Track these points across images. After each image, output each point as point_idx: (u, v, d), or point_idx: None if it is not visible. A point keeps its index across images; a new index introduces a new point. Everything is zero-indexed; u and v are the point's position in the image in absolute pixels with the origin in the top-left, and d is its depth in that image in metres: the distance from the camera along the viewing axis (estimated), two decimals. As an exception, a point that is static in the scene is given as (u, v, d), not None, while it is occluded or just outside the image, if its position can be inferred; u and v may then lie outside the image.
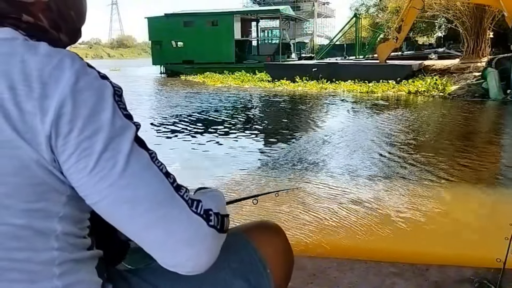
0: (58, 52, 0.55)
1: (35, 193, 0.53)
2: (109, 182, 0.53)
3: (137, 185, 0.54)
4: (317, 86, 12.47)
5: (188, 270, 0.58)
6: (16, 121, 0.50)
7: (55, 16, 0.62)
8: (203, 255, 0.57)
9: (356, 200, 3.04)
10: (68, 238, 0.57)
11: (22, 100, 0.50)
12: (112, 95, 0.56)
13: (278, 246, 0.80)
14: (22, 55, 0.53)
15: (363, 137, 5.56)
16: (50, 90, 0.51)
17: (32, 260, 0.54)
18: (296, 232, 2.47)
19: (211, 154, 4.80)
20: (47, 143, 0.51)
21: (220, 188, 3.03)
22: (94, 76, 0.55)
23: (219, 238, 0.61)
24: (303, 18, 30.71)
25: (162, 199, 0.56)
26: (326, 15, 48.35)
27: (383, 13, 24.39)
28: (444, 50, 20.00)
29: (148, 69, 24.33)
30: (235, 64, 19.93)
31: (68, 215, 0.56)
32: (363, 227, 2.56)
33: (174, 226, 0.56)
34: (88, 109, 0.52)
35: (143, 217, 0.55)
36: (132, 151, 0.55)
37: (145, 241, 0.56)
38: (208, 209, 0.61)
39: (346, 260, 1.89)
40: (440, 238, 2.46)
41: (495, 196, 3.29)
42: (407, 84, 11.49)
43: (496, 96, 9.22)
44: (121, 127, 0.55)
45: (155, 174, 0.56)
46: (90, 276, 0.61)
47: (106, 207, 0.55)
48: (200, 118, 7.47)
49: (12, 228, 0.53)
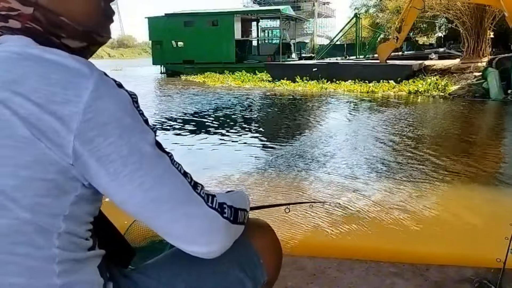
0: (77, 59, 0.57)
1: (44, 188, 0.54)
2: (136, 185, 0.58)
3: (160, 186, 0.60)
4: (317, 86, 12.46)
5: (204, 254, 0.65)
6: (35, 122, 0.52)
7: (46, 25, 0.61)
8: (218, 242, 0.65)
9: (356, 200, 3.04)
10: (70, 237, 0.58)
11: (43, 102, 0.52)
12: (131, 102, 0.59)
13: (269, 241, 0.88)
14: (40, 61, 0.55)
15: (365, 136, 5.56)
16: (72, 96, 0.53)
17: (31, 256, 0.55)
18: (296, 231, 2.48)
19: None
20: (71, 148, 0.54)
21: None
22: (112, 84, 0.58)
23: (233, 228, 0.70)
24: (303, 18, 30.68)
25: (182, 197, 0.62)
26: (326, 15, 48.34)
27: (383, 13, 24.37)
28: (444, 50, 19.98)
29: (148, 69, 24.32)
30: (236, 64, 19.90)
31: (73, 214, 0.58)
32: (363, 227, 2.56)
33: (193, 220, 0.63)
34: (111, 115, 0.55)
35: (167, 214, 0.61)
36: (154, 155, 0.60)
37: (168, 233, 0.63)
38: (222, 202, 0.68)
39: (346, 260, 1.90)
40: (440, 238, 2.46)
41: (495, 196, 3.29)
42: (407, 84, 11.49)
43: (496, 96, 9.21)
44: (142, 132, 0.59)
45: (176, 175, 0.62)
46: (91, 276, 0.62)
47: (133, 206, 0.60)
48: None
49: (16, 221, 0.54)
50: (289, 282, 1.69)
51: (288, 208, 1.16)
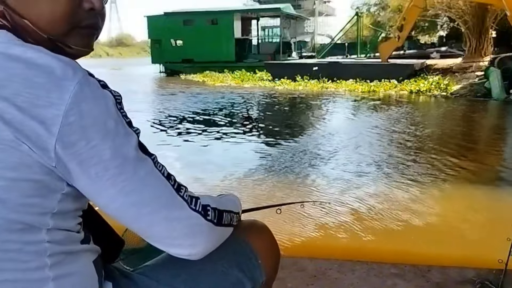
0: (60, 59, 0.55)
1: (32, 188, 0.54)
2: (118, 188, 0.58)
3: (142, 190, 0.59)
4: (318, 85, 12.45)
5: (187, 256, 0.66)
6: (18, 126, 0.52)
7: (14, 25, 0.59)
8: (201, 244, 0.66)
9: (356, 200, 3.03)
10: (59, 232, 0.59)
11: (26, 106, 0.52)
12: (114, 104, 0.58)
13: (267, 241, 0.89)
14: (23, 62, 0.54)
15: (366, 136, 5.54)
16: (55, 99, 0.53)
17: (23, 251, 0.56)
18: (296, 231, 2.46)
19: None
20: (53, 150, 0.53)
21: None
22: (96, 85, 0.57)
23: (216, 230, 0.69)
24: (304, 17, 30.63)
25: (164, 201, 0.62)
26: (327, 14, 48.29)
27: (384, 12, 24.33)
28: (446, 49, 19.93)
29: (147, 68, 24.28)
30: (235, 63, 19.86)
31: (61, 211, 0.58)
32: (363, 228, 2.55)
33: (175, 223, 0.63)
34: (94, 118, 0.55)
35: (148, 217, 0.61)
36: (137, 158, 0.59)
37: (149, 236, 0.64)
38: (205, 204, 0.68)
39: (347, 261, 1.89)
40: (441, 239, 2.44)
41: (497, 197, 3.27)
42: (409, 84, 11.47)
43: (498, 95, 9.19)
44: (125, 135, 0.58)
45: (158, 178, 0.62)
46: (85, 269, 0.63)
47: (115, 210, 0.60)
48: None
49: (5, 221, 0.54)
50: (289, 283, 1.68)
51: (279, 209, 1.15)
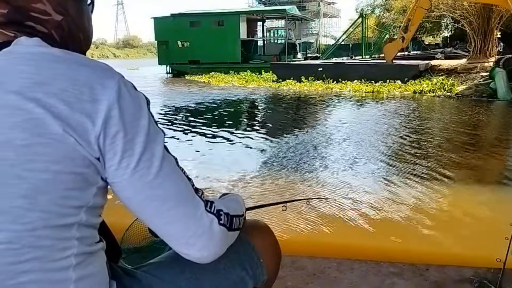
0: (98, 62, 0.62)
1: (73, 181, 0.57)
2: (146, 181, 0.61)
3: (167, 185, 0.63)
4: (323, 86, 12.45)
5: (198, 258, 0.67)
6: (66, 119, 0.55)
7: (65, 35, 0.67)
8: (213, 247, 0.67)
9: (356, 200, 3.04)
10: (87, 230, 0.61)
11: (72, 101, 0.56)
12: (146, 104, 0.63)
13: (269, 242, 0.90)
14: (67, 62, 0.59)
15: (368, 136, 5.55)
16: (99, 95, 0.58)
17: (54, 248, 0.56)
18: (296, 231, 2.48)
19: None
20: (96, 142, 0.57)
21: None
22: (132, 86, 0.63)
23: (228, 235, 0.71)
24: (308, 18, 30.63)
25: (185, 198, 0.64)
26: (331, 15, 48.23)
27: (389, 13, 24.25)
28: (451, 50, 19.84)
29: (154, 69, 24.40)
30: (241, 64, 19.93)
31: (93, 206, 0.61)
32: (362, 227, 2.56)
33: (191, 222, 0.64)
34: (131, 114, 0.60)
35: (169, 213, 0.63)
36: (164, 155, 0.63)
37: (166, 233, 0.65)
38: (219, 209, 0.70)
39: (346, 260, 1.90)
40: (440, 238, 2.45)
41: (495, 196, 3.27)
42: (414, 84, 11.44)
43: (504, 96, 9.14)
44: (155, 132, 0.63)
45: (181, 176, 0.65)
46: (101, 270, 0.64)
47: (139, 202, 0.62)
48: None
49: (46, 214, 0.55)
50: (288, 282, 1.70)
51: (285, 206, 1.16)
